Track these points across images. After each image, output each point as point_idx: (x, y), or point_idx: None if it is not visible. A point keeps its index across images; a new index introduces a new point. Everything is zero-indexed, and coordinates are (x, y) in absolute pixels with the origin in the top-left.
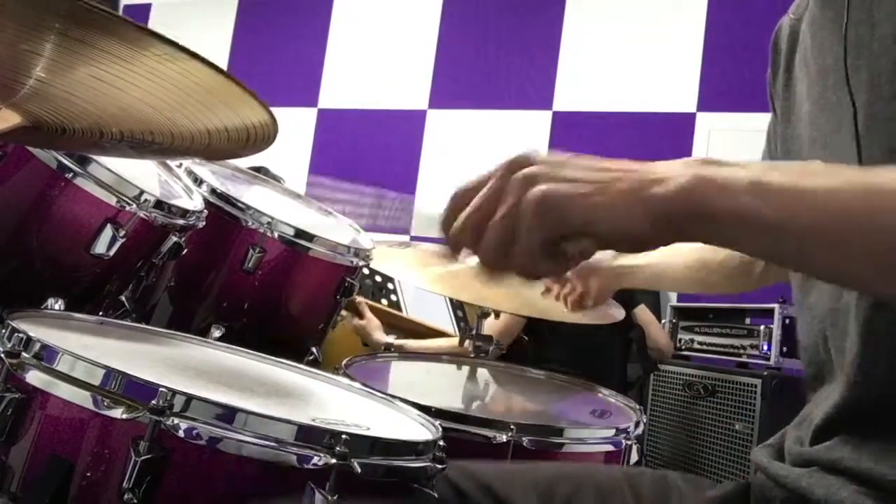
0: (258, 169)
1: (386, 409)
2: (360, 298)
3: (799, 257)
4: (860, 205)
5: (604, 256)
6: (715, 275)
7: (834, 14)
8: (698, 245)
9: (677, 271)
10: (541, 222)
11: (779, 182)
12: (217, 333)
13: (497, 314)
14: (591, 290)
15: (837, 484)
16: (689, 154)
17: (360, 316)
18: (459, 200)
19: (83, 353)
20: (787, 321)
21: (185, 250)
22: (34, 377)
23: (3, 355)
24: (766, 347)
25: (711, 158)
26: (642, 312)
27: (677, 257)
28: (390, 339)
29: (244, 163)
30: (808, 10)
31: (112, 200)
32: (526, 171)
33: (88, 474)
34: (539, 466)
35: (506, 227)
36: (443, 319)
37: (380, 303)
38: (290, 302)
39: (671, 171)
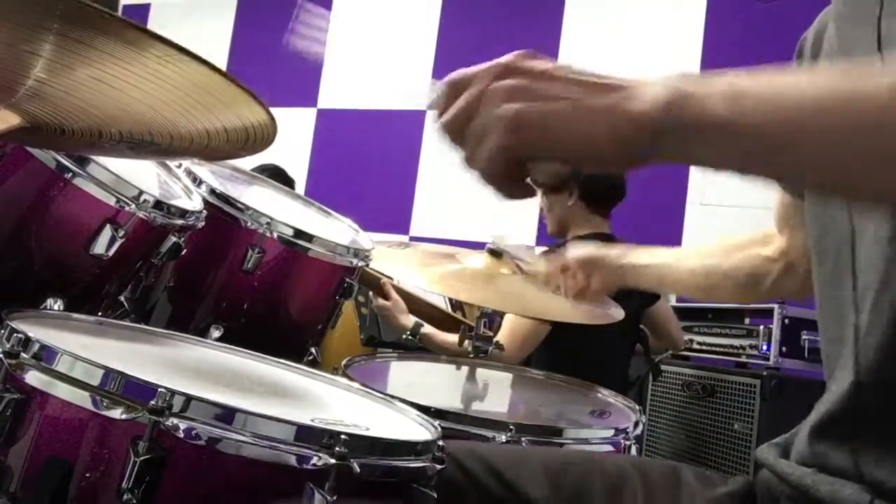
0: (272, 168)
1: (385, 409)
2: (384, 278)
3: (782, 163)
4: (844, 107)
5: (609, 253)
6: (721, 284)
7: (865, 7)
8: (704, 252)
9: (681, 276)
10: (507, 142)
11: (755, 87)
12: (216, 334)
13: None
14: (593, 284)
15: (841, 481)
16: None
17: (385, 297)
18: (453, 89)
19: (82, 353)
20: (787, 321)
21: (185, 250)
22: (33, 377)
23: (2, 356)
24: (765, 347)
25: (692, 74)
26: (664, 307)
27: (683, 262)
28: (418, 322)
29: (259, 162)
30: (834, 7)
31: (111, 201)
32: (509, 83)
33: (88, 475)
34: (548, 451)
35: (478, 137)
36: None
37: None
38: (290, 302)
39: (644, 90)
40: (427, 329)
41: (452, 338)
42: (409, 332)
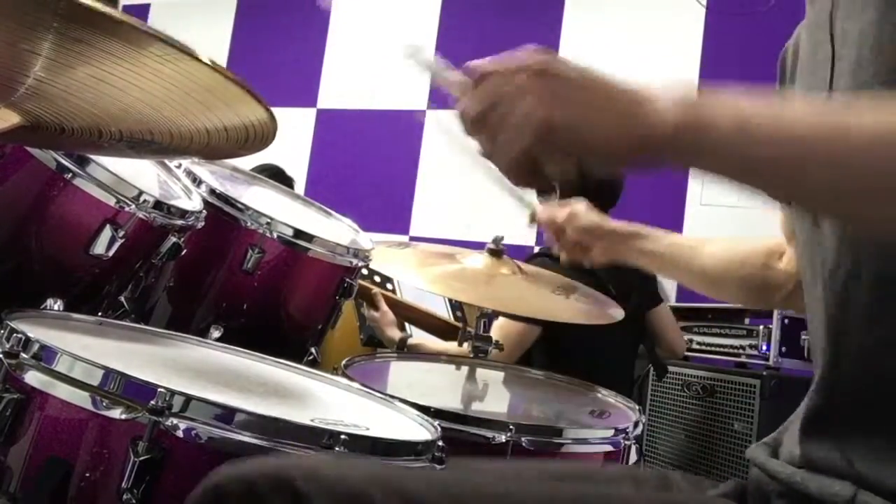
0: (271, 168)
1: (385, 409)
2: (375, 289)
3: (777, 193)
4: (839, 148)
5: (617, 227)
6: (732, 289)
7: (823, 12)
8: (720, 254)
9: (692, 271)
10: (534, 143)
11: (765, 126)
12: (216, 334)
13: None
14: (594, 252)
15: (830, 478)
16: None
17: (375, 307)
18: (475, 78)
19: (82, 353)
20: (786, 321)
21: (184, 251)
22: (33, 378)
23: (2, 356)
24: (765, 347)
25: (702, 93)
26: (664, 312)
27: (696, 259)
28: (405, 335)
29: (258, 162)
30: (806, 15)
31: (111, 201)
32: (539, 85)
33: (87, 475)
34: (541, 465)
35: (505, 134)
36: None
37: None
38: (290, 302)
39: (661, 106)
40: (414, 340)
41: (443, 346)
42: (396, 346)
